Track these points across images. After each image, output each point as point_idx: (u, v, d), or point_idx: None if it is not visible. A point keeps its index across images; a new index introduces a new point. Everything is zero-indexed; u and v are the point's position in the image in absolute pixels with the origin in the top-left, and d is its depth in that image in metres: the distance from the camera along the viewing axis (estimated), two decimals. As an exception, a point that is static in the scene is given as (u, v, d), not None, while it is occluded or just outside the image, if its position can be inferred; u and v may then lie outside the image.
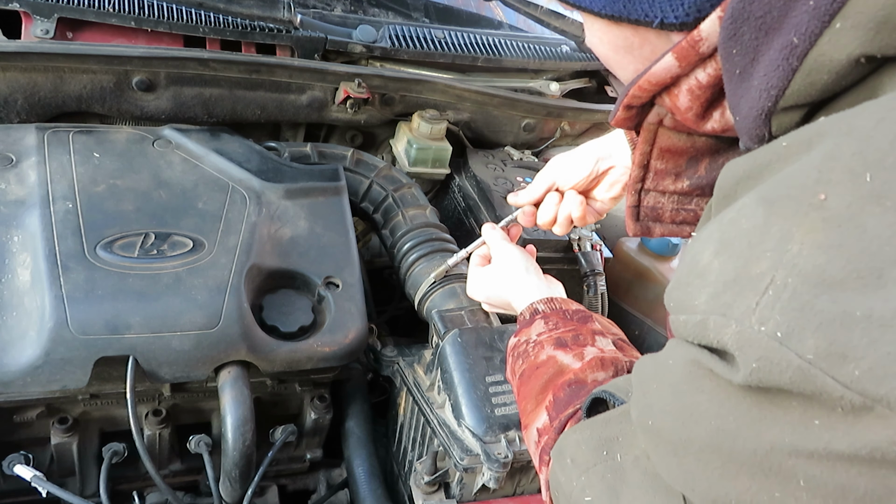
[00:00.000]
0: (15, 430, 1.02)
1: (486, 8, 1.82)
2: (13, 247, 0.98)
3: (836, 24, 0.39)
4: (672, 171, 0.71)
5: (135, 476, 1.12)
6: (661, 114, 0.63)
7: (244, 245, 1.05)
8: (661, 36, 0.53)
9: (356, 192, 1.33)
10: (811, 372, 0.35)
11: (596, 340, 0.81)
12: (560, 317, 0.86)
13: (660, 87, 0.56)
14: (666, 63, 0.52)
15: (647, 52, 0.55)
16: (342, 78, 1.33)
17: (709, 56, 0.51)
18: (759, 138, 0.47)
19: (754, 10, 0.43)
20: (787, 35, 0.42)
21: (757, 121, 0.46)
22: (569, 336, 0.82)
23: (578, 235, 1.36)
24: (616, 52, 0.58)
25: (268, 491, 1.20)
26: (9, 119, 1.18)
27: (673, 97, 0.56)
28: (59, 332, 0.90)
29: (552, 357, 0.79)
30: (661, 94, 0.57)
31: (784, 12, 0.42)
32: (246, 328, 0.98)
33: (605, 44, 0.58)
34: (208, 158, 1.19)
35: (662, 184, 0.73)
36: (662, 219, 0.77)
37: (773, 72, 0.43)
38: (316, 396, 1.17)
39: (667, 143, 0.67)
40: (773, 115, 0.45)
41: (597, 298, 1.37)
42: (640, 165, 0.71)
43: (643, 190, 0.74)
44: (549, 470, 0.67)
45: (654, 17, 0.51)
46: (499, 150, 1.59)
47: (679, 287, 0.44)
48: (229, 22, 1.29)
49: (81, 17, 1.22)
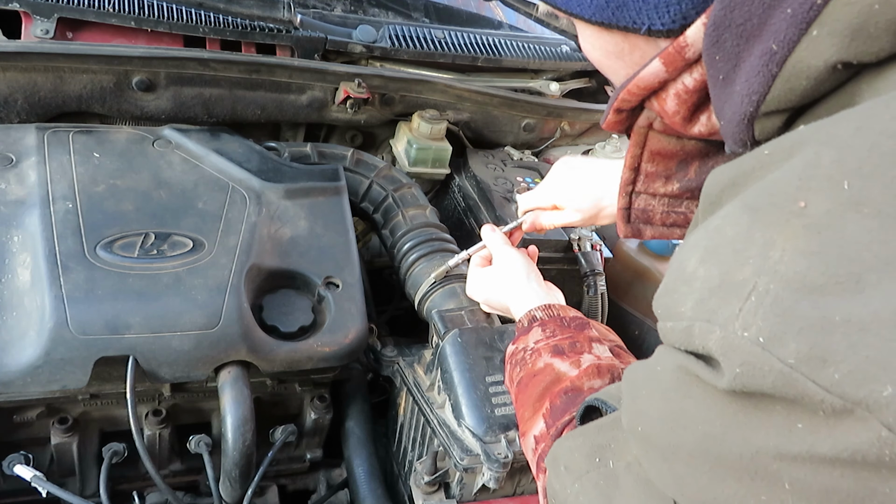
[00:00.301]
0: (15, 430, 1.02)
1: (486, 8, 1.82)
2: (13, 247, 0.98)
3: (812, 32, 0.40)
4: (662, 173, 0.72)
5: (135, 476, 1.12)
6: (651, 117, 0.64)
7: (244, 245, 1.05)
8: (650, 42, 0.54)
9: (356, 192, 1.33)
10: (792, 376, 0.35)
11: (593, 347, 0.82)
12: (557, 324, 0.87)
13: (648, 92, 0.57)
14: (654, 68, 0.54)
15: (636, 57, 0.56)
16: (342, 78, 1.33)
17: (695, 61, 0.52)
18: (742, 142, 0.49)
19: (735, 17, 0.44)
20: (766, 42, 0.43)
21: (740, 125, 0.47)
22: (566, 343, 0.82)
23: (578, 235, 1.36)
24: (608, 58, 0.59)
25: (268, 491, 1.20)
26: (9, 119, 1.18)
27: (661, 101, 0.57)
28: (59, 332, 0.90)
29: (549, 365, 0.80)
30: (650, 98, 0.58)
31: (764, 20, 0.43)
32: (246, 328, 0.98)
33: (597, 49, 0.59)
34: (208, 158, 1.19)
35: (653, 186, 0.74)
36: (653, 221, 0.78)
37: (755, 77, 0.44)
38: (316, 396, 1.17)
39: (657, 147, 0.68)
40: (755, 119, 0.46)
41: (597, 298, 1.37)
42: (630, 168, 0.72)
43: (634, 192, 0.75)
44: (546, 477, 0.67)
45: (641, 24, 0.52)
46: (499, 150, 1.59)
47: (666, 294, 0.45)
48: (229, 22, 1.29)
49: (81, 17, 1.22)
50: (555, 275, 1.38)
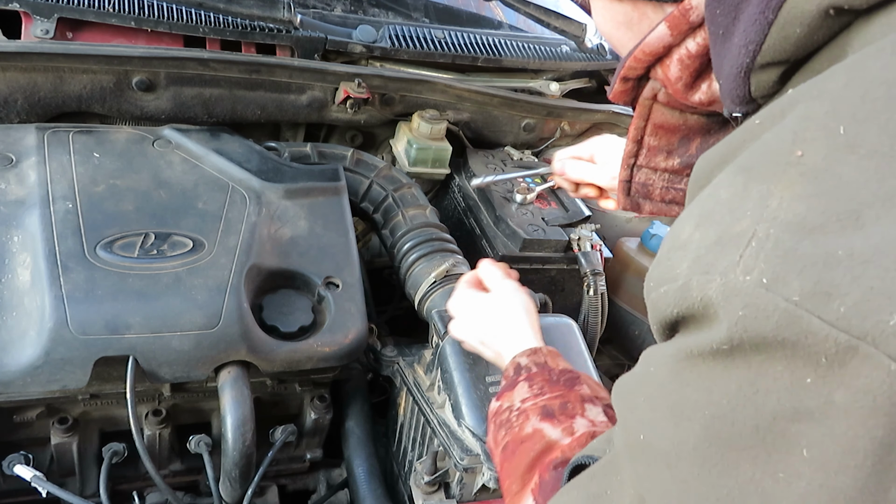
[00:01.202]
0: (15, 430, 1.02)
1: (486, 8, 1.82)
2: (13, 247, 0.98)
3: None
4: (664, 147, 0.73)
5: (135, 476, 1.12)
6: (656, 88, 0.66)
7: (244, 245, 1.05)
8: (657, 10, 0.57)
9: (356, 192, 1.33)
10: (796, 314, 0.35)
11: (586, 410, 0.75)
12: (546, 378, 0.80)
13: (653, 58, 0.59)
14: (659, 32, 0.56)
15: (644, 27, 0.59)
16: (342, 78, 1.33)
17: (698, 25, 0.54)
18: (740, 99, 0.50)
19: None
20: None
21: (737, 80, 0.48)
22: (556, 404, 0.76)
23: (578, 235, 1.36)
24: (618, 29, 0.61)
25: (268, 491, 1.20)
26: (9, 119, 1.18)
27: (665, 68, 0.59)
28: (59, 332, 0.90)
29: (538, 431, 0.74)
30: (655, 65, 0.60)
31: None
32: (246, 328, 0.98)
33: (607, 21, 0.62)
34: (208, 158, 1.19)
35: (654, 160, 0.75)
36: (652, 196, 0.79)
37: (751, 27, 0.45)
38: (316, 396, 1.17)
39: (660, 119, 0.70)
40: (751, 72, 0.47)
41: (597, 298, 1.37)
42: (633, 140, 0.73)
43: (636, 166, 0.76)
44: None
45: None
46: (499, 150, 1.59)
47: (659, 264, 0.44)
48: (229, 22, 1.29)
49: (81, 17, 1.22)
50: (555, 275, 1.38)
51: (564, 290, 1.41)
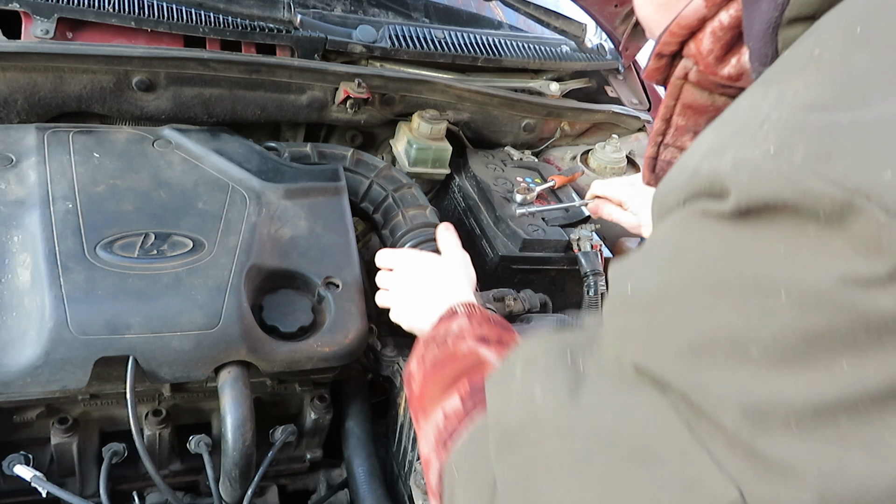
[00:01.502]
0: (15, 430, 1.02)
1: (486, 8, 1.82)
2: (13, 247, 0.98)
3: None
4: (692, 128, 0.74)
5: (135, 476, 1.12)
6: (688, 66, 0.67)
7: (244, 245, 1.05)
8: None
9: (356, 192, 1.33)
10: (798, 176, 0.37)
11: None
12: (484, 318, 0.82)
13: (688, 31, 0.61)
14: (695, 5, 0.58)
15: (681, 7, 0.61)
16: (342, 78, 1.33)
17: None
18: (768, 59, 0.51)
19: None
20: None
21: (766, 37, 0.50)
22: (493, 336, 0.77)
23: (578, 235, 1.36)
24: (656, 12, 0.65)
25: (268, 491, 1.20)
26: (9, 119, 1.18)
27: (697, 42, 0.61)
28: (59, 333, 0.90)
29: (474, 351, 0.73)
30: (688, 41, 0.62)
31: None
32: (246, 328, 0.98)
33: (647, 4, 0.65)
34: (208, 158, 1.19)
35: (681, 140, 0.76)
36: None
37: None
38: (316, 396, 1.17)
39: (689, 99, 0.71)
40: (779, 27, 0.49)
41: (597, 298, 1.37)
42: (663, 119, 0.74)
43: (662, 144, 0.77)
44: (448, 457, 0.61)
45: None
46: (499, 150, 1.59)
47: (669, 177, 0.46)
48: (229, 22, 1.29)
49: (81, 17, 1.22)
50: (555, 275, 1.38)
51: (564, 290, 1.41)
